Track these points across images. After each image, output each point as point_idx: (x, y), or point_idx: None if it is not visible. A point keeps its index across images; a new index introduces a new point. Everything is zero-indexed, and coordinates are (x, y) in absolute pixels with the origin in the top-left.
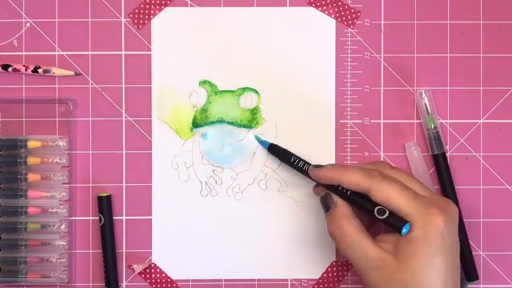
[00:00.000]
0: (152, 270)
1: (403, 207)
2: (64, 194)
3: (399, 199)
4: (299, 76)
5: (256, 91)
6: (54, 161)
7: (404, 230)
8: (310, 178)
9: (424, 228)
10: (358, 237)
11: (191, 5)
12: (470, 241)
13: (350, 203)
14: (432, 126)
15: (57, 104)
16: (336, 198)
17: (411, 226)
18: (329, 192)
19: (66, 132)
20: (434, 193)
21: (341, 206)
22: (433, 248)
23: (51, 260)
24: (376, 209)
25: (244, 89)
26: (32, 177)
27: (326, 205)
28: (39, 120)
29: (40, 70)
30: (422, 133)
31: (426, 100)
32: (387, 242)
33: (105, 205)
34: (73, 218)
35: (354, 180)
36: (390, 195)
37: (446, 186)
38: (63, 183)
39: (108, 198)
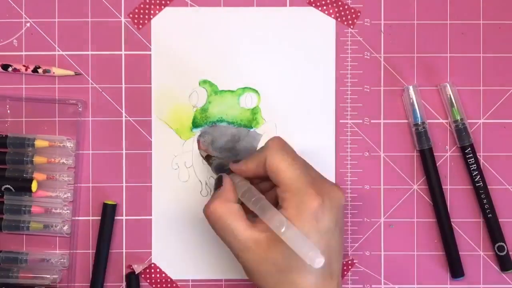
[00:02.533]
0: (152, 270)
1: (287, 182)
2: (69, 195)
3: (287, 172)
4: (299, 76)
5: (256, 91)
6: (60, 162)
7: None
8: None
9: (298, 208)
10: (229, 219)
11: (191, 5)
12: (469, 241)
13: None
14: (459, 118)
15: (65, 105)
16: (225, 181)
17: (287, 203)
18: (223, 174)
19: (73, 133)
20: (323, 178)
21: (223, 189)
22: (306, 229)
23: (51, 261)
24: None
25: (244, 89)
26: (37, 176)
27: (215, 186)
28: (47, 120)
29: (40, 70)
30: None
31: (451, 93)
32: (263, 222)
33: (109, 213)
34: (76, 218)
35: (255, 159)
36: (279, 166)
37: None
38: (68, 184)
39: (113, 206)
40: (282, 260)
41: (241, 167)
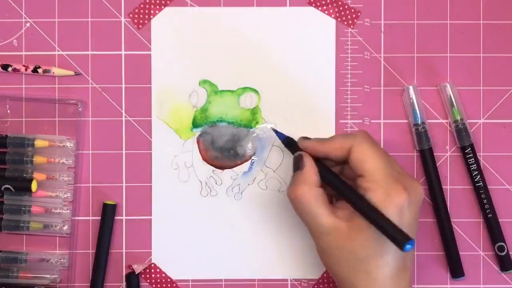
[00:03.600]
0: (152, 270)
1: (374, 173)
2: (69, 194)
3: (374, 163)
4: (299, 76)
5: (256, 91)
6: (60, 162)
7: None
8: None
9: (384, 201)
10: (314, 205)
11: (191, 5)
12: (469, 241)
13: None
14: (459, 118)
15: (65, 105)
16: (307, 162)
17: (372, 194)
18: (302, 153)
19: (73, 133)
20: (405, 173)
21: (307, 172)
22: (393, 222)
23: (51, 261)
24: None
25: (244, 89)
26: (37, 176)
27: (296, 166)
28: (47, 120)
29: (40, 70)
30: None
31: (451, 93)
32: (344, 209)
33: (109, 213)
34: (75, 218)
35: (338, 142)
36: (367, 157)
37: (477, 175)
38: (68, 184)
39: (113, 207)
40: (361, 249)
41: (316, 146)
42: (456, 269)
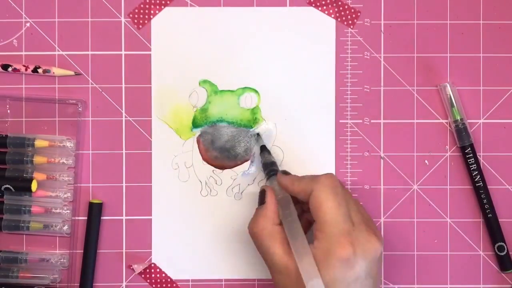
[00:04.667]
0: (152, 270)
1: (324, 223)
2: (69, 194)
3: (326, 214)
4: (299, 76)
5: (256, 91)
6: (60, 162)
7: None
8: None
9: (327, 252)
10: (268, 243)
11: (191, 5)
12: (469, 241)
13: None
14: (459, 118)
15: (65, 105)
16: (268, 198)
17: (317, 243)
18: (266, 188)
19: (73, 133)
20: (364, 226)
21: (267, 208)
22: (331, 274)
23: (51, 260)
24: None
25: (244, 89)
26: (37, 176)
27: (259, 200)
28: (47, 120)
29: (40, 70)
30: (423, 133)
31: (451, 93)
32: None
33: (95, 212)
34: (76, 218)
35: (303, 184)
36: (321, 205)
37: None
38: (68, 184)
39: (99, 205)
40: None
41: (287, 183)
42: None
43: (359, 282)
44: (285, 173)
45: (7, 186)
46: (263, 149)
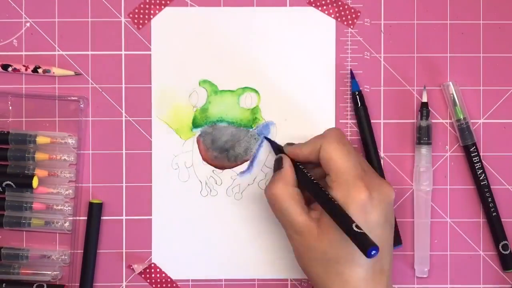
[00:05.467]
0: (152, 270)
1: (338, 171)
2: (70, 191)
3: (338, 162)
4: (299, 76)
5: (256, 91)
6: (62, 158)
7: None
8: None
9: (345, 200)
10: (288, 203)
11: (191, 5)
12: (469, 241)
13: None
14: (462, 117)
15: (67, 102)
16: (285, 163)
17: (335, 192)
18: (282, 155)
19: (75, 130)
20: (373, 172)
21: (284, 171)
22: (354, 219)
23: (52, 257)
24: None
25: (244, 89)
26: (39, 172)
27: (275, 167)
28: (49, 117)
29: (40, 70)
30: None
31: (454, 92)
32: (317, 209)
33: (95, 212)
34: (77, 218)
35: (311, 144)
36: (332, 155)
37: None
38: (70, 181)
39: (99, 206)
40: (331, 250)
41: (295, 150)
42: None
43: (380, 226)
44: (290, 144)
45: (9, 182)
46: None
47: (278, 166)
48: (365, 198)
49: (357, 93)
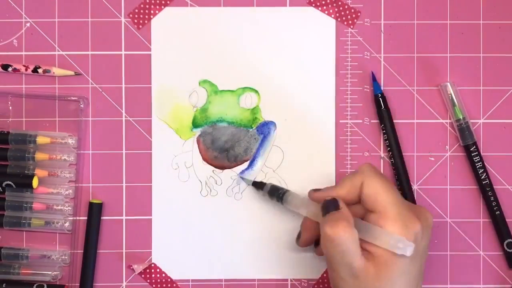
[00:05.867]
0: (152, 270)
1: (388, 207)
2: (70, 191)
3: (387, 197)
4: (299, 76)
5: (256, 91)
6: (62, 158)
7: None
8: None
9: (402, 232)
10: (351, 245)
11: (191, 5)
12: (469, 241)
13: None
14: (461, 117)
15: (67, 102)
16: (342, 205)
17: (390, 229)
18: (335, 197)
19: (75, 130)
20: (411, 202)
21: (345, 212)
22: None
23: (52, 257)
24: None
25: (244, 89)
26: (39, 172)
27: (328, 208)
28: (49, 117)
29: (40, 70)
30: (423, 133)
31: (452, 92)
32: (364, 249)
33: (95, 212)
34: (77, 218)
35: (349, 183)
36: (379, 191)
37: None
38: (70, 181)
39: (99, 205)
40: (387, 285)
41: (328, 193)
42: None
43: (425, 253)
44: (316, 190)
45: (9, 182)
46: (256, 184)
47: (333, 206)
48: (419, 229)
49: (380, 95)
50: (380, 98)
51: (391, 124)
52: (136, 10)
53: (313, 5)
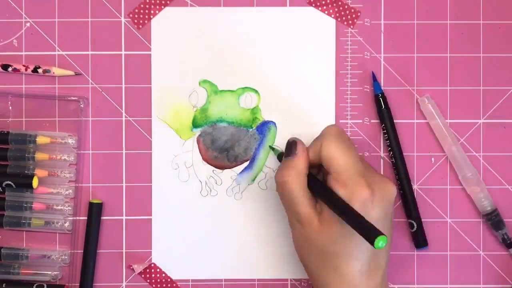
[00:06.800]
0: (152, 270)
1: (340, 169)
2: (70, 191)
3: (341, 160)
4: (299, 76)
5: (256, 91)
6: (62, 158)
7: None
8: None
9: (348, 197)
10: (297, 192)
11: (191, 5)
12: (469, 241)
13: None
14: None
15: (67, 102)
16: (299, 149)
17: (339, 191)
18: (297, 140)
19: (75, 130)
20: (373, 170)
21: (299, 159)
22: None
23: (52, 257)
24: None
25: (244, 89)
26: (39, 172)
27: (288, 151)
28: (49, 117)
29: (40, 70)
30: (423, 133)
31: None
32: (321, 203)
33: (95, 212)
34: (78, 218)
35: (313, 145)
36: (334, 154)
37: None
38: (70, 181)
39: (99, 205)
40: (330, 244)
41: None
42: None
43: (380, 223)
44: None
45: (9, 182)
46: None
47: (290, 151)
48: (367, 195)
49: (380, 95)
50: (381, 98)
51: (391, 124)
52: (136, 10)
53: (313, 5)
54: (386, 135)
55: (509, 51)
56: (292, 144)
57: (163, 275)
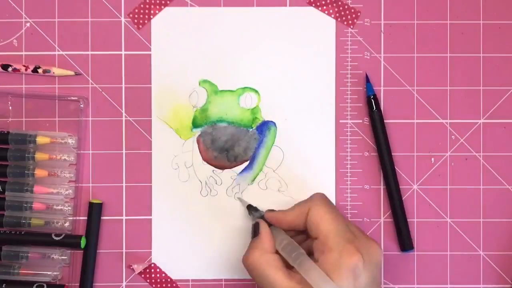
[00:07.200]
0: (152, 270)
1: (328, 235)
2: (70, 191)
3: (328, 225)
4: (299, 76)
5: (256, 91)
6: (62, 158)
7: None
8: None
9: (337, 263)
10: (267, 271)
11: (191, 5)
12: (469, 241)
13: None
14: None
15: (67, 102)
16: (262, 229)
17: (326, 256)
18: (259, 221)
19: (74, 130)
20: (362, 234)
21: (262, 238)
22: (344, 285)
23: (52, 257)
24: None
25: (244, 89)
26: (39, 172)
27: (253, 233)
28: (49, 117)
29: (40, 70)
30: (423, 133)
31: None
32: (297, 272)
33: (95, 212)
34: (77, 218)
35: (297, 209)
36: (322, 219)
37: None
38: (70, 181)
39: (99, 205)
40: None
41: (278, 216)
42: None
43: (373, 286)
44: (271, 210)
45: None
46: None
47: (255, 233)
48: (356, 262)
49: (372, 96)
50: (372, 99)
51: (382, 126)
52: (136, 10)
53: (313, 5)
54: (376, 137)
55: (509, 51)
56: (255, 226)
57: (163, 275)
